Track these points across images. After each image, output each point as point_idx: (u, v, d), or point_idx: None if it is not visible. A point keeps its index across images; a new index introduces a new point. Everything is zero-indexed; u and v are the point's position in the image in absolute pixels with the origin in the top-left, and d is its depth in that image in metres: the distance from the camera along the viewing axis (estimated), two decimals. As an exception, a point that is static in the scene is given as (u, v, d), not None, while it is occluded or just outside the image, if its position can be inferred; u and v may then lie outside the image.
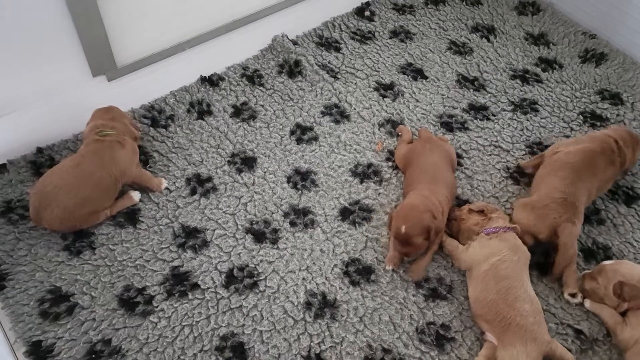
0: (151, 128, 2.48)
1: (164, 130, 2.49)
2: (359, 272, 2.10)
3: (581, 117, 2.66)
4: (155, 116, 2.52)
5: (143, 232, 2.16)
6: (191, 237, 2.15)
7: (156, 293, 2.01)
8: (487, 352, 1.89)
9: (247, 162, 2.40)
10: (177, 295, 2.01)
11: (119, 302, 1.98)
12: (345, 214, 2.27)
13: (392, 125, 2.58)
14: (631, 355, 1.89)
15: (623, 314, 1.97)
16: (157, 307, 1.98)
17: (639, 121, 2.65)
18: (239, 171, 2.37)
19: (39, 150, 2.36)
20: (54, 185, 2.01)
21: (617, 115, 2.67)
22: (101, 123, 2.16)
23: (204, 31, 2.58)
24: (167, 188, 2.29)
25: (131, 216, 2.20)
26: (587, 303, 2.03)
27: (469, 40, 3.00)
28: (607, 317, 1.98)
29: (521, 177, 2.42)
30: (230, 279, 2.06)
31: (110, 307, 1.97)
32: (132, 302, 1.98)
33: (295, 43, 2.89)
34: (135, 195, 2.23)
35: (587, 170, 2.16)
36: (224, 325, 1.95)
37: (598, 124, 2.63)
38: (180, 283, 2.04)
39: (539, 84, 2.80)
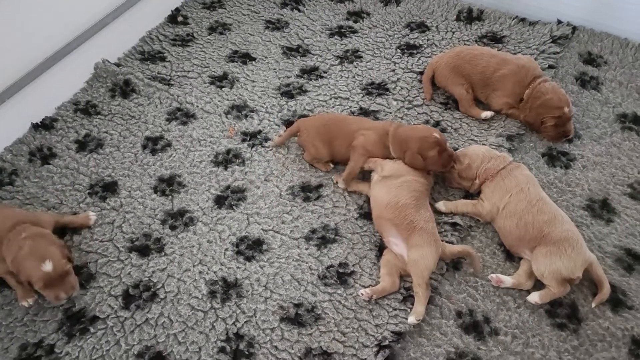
0: (-4, 190, 2.36)
1: (11, 187, 2.37)
2: (250, 247, 2.16)
3: (399, 50, 2.92)
4: (-4, 177, 2.40)
5: (21, 289, 2.06)
6: (74, 276, 2.09)
7: (55, 340, 1.92)
8: (387, 256, 2.07)
9: (108, 188, 2.36)
10: (78, 334, 1.94)
11: (19, 364, 1.88)
12: (220, 201, 2.31)
13: (238, 109, 2.66)
14: (500, 221, 2.11)
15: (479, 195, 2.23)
16: (60, 352, 1.90)
17: (447, 40, 2.97)
18: (103, 199, 2.33)
19: None
20: None
21: (428, 40, 2.96)
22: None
23: (19, 77, 2.48)
24: (33, 240, 2.19)
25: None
26: (443, 207, 2.25)
27: (282, 15, 3.16)
28: (464, 207, 2.22)
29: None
30: (128, 299, 2.03)
31: (12, 373, 1.86)
32: (33, 358, 1.88)
33: (118, 65, 2.87)
34: None
35: None
36: (135, 343, 1.92)
37: (415, 52, 2.91)
38: (77, 322, 1.97)
39: (355, 34, 3.03)
